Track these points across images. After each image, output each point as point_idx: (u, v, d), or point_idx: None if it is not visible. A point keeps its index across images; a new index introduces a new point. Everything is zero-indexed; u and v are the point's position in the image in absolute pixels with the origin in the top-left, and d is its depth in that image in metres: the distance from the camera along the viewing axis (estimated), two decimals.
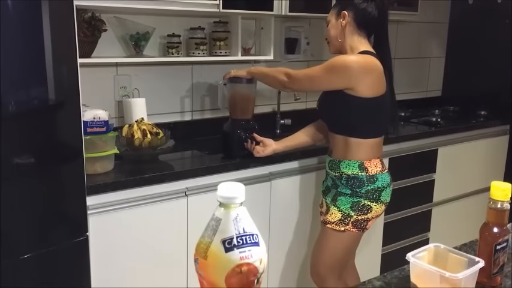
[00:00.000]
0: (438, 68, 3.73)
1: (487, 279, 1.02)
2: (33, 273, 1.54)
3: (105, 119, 1.87)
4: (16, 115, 1.46)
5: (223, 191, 0.64)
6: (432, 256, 1.02)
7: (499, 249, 1.00)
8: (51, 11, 1.47)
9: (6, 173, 1.43)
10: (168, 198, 1.94)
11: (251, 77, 2.16)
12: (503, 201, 1.00)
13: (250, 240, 0.63)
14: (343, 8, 1.92)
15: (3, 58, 1.37)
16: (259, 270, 0.64)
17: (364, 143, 1.91)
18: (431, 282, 0.93)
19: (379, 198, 1.92)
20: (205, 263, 0.62)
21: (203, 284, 0.63)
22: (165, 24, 2.34)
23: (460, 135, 3.01)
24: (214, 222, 0.64)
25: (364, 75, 1.83)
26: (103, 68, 2.25)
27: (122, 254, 1.86)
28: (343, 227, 1.93)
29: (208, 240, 0.63)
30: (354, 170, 1.90)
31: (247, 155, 2.17)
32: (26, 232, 1.51)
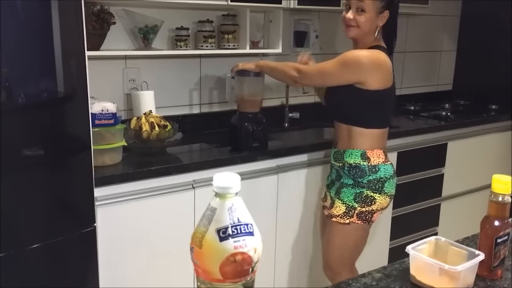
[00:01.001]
0: (449, 61, 3.69)
1: (487, 272, 1.02)
2: (41, 262, 1.57)
3: (113, 111, 1.88)
4: (25, 107, 1.48)
5: (218, 181, 0.65)
6: (433, 249, 1.02)
7: (499, 243, 1.00)
8: (60, 5, 1.48)
9: (16, 164, 1.45)
10: (175, 190, 1.95)
11: (259, 70, 2.16)
12: (505, 194, 1.00)
13: (244, 229, 0.64)
14: (387, 7, 1.87)
15: (13, 52, 1.39)
16: (253, 260, 0.65)
17: (367, 133, 1.92)
18: (430, 275, 0.94)
19: (382, 189, 1.92)
20: (201, 252, 0.63)
21: (198, 273, 0.64)
22: (173, 17, 2.34)
23: (470, 130, 2.99)
24: (209, 212, 0.65)
25: (375, 70, 1.85)
26: (112, 60, 2.26)
27: (129, 244, 1.88)
28: (348, 219, 1.93)
29: (204, 230, 0.64)
30: (356, 159, 1.91)
31: (255, 148, 2.18)
32: (35, 222, 1.52)
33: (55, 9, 1.49)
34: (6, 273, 1.46)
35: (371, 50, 1.88)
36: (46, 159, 1.55)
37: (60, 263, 1.61)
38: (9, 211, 1.44)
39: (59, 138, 1.59)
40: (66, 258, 1.62)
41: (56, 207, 1.59)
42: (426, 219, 2.91)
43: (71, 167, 1.64)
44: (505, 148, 3.26)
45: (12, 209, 1.45)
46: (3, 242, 1.43)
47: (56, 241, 1.56)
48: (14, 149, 1.44)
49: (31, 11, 1.45)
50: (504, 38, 3.32)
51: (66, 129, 1.63)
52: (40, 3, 1.46)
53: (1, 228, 1.42)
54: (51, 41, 1.49)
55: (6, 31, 1.35)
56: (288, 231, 2.31)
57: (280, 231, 2.28)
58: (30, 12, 1.44)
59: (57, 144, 1.58)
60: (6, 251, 1.44)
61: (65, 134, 1.62)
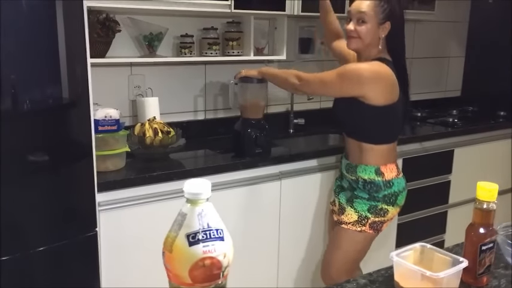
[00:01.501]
0: (457, 67, 3.67)
1: (472, 279, 1.02)
2: (44, 265, 1.60)
3: (116, 117, 1.91)
4: (30, 114, 1.51)
5: (188, 187, 0.66)
6: (418, 256, 1.03)
7: (484, 250, 1.00)
8: (64, 13, 1.51)
9: (20, 169, 1.48)
10: (177, 196, 1.96)
11: (261, 77, 2.18)
12: (489, 201, 1.00)
13: (214, 235, 0.65)
14: (388, 18, 1.85)
15: (18, 59, 1.42)
16: (223, 264, 0.66)
17: (378, 149, 1.92)
18: (413, 281, 0.94)
19: (395, 202, 1.95)
20: (171, 256, 0.65)
21: (170, 277, 0.66)
22: (178, 25, 2.37)
23: (477, 136, 2.96)
24: (180, 217, 0.67)
25: (375, 83, 1.83)
26: (117, 67, 2.30)
27: (131, 249, 1.90)
28: (360, 227, 1.95)
29: (174, 235, 0.66)
30: (371, 175, 1.92)
31: (257, 154, 2.19)
32: (38, 226, 1.55)
33: (60, 18, 1.52)
34: (11, 276, 1.49)
35: (372, 62, 1.86)
36: (49, 165, 1.57)
37: (62, 267, 1.63)
38: (14, 215, 1.47)
39: (61, 144, 1.61)
40: (68, 262, 1.65)
41: (59, 211, 1.61)
42: (433, 227, 2.89)
43: (74, 173, 1.67)
44: None
45: (17, 213, 1.48)
46: (8, 245, 1.46)
47: (59, 245, 1.59)
48: (19, 154, 1.47)
49: (36, 20, 1.48)
50: None
51: (69, 135, 1.66)
52: (44, 11, 1.50)
53: (5, 232, 1.45)
54: (55, 48, 1.52)
55: (11, 39, 1.39)
56: (290, 237, 2.31)
57: (283, 238, 2.28)
58: (35, 22, 1.48)
59: (60, 150, 1.60)
60: (11, 254, 1.47)
61: (67, 140, 1.65)
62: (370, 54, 1.90)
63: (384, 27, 1.86)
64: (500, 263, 1.14)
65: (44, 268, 1.61)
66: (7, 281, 1.49)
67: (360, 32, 1.86)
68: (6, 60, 1.38)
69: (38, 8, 1.48)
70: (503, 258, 1.14)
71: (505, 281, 1.07)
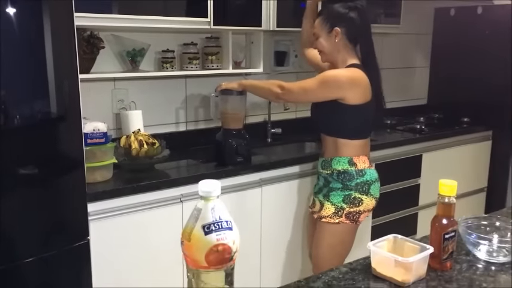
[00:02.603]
0: (423, 77, 3.87)
1: (438, 264, 1.16)
2: (38, 275, 1.66)
3: (104, 130, 1.99)
4: (21, 128, 1.58)
5: (203, 187, 0.78)
6: (391, 245, 1.16)
7: (447, 238, 1.14)
8: (52, 30, 1.59)
9: (12, 182, 1.55)
10: (164, 204, 2.06)
11: (242, 89, 2.29)
12: (450, 196, 1.15)
13: (224, 225, 0.78)
14: (334, 24, 2.04)
15: (9, 75, 1.48)
16: (232, 249, 0.79)
17: (352, 143, 2.08)
18: (388, 267, 1.07)
19: (368, 191, 2.08)
20: (189, 245, 0.77)
21: (188, 262, 0.77)
22: (159, 41, 2.47)
23: (443, 142, 3.15)
24: (196, 212, 0.78)
25: (353, 87, 2.01)
26: (101, 82, 2.38)
27: (121, 256, 1.97)
28: (338, 219, 2.07)
29: (192, 226, 0.77)
30: (344, 165, 2.07)
31: (239, 163, 2.29)
32: (31, 236, 1.61)
33: (48, 36, 1.59)
34: (2, 287, 1.55)
35: (348, 68, 2.04)
36: (42, 177, 1.63)
37: (56, 275, 1.69)
38: (6, 226, 1.53)
39: (54, 157, 1.68)
40: (61, 270, 1.71)
41: (52, 221, 1.67)
42: (404, 228, 3.03)
43: (66, 184, 1.74)
44: (478, 158, 3.44)
45: (9, 224, 1.54)
46: (1, 256, 1.51)
47: (52, 254, 1.65)
48: (11, 167, 1.53)
49: (26, 38, 1.55)
50: (474, 53, 3.51)
51: (61, 148, 1.73)
52: (34, 30, 1.57)
53: None
54: (45, 65, 1.59)
55: (2, 56, 1.45)
56: (272, 240, 2.42)
57: (265, 242, 2.39)
58: (25, 39, 1.54)
59: (52, 163, 1.67)
60: (3, 265, 1.52)
61: (59, 153, 1.72)
62: (339, 61, 2.08)
63: (333, 34, 2.05)
64: (462, 251, 1.29)
65: (37, 277, 1.66)
66: None
67: (318, 46, 2.11)
68: None
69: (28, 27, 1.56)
70: (464, 246, 1.30)
71: (466, 265, 1.22)
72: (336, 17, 2.05)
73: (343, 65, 2.07)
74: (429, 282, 1.10)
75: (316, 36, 2.11)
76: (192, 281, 0.78)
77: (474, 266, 1.20)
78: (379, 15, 3.09)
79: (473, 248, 1.24)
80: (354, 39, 2.07)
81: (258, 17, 2.49)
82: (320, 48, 2.11)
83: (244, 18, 2.48)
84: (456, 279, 1.13)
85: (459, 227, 1.23)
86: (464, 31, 3.57)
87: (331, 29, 2.05)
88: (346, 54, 2.07)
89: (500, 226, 1.34)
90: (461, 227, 1.26)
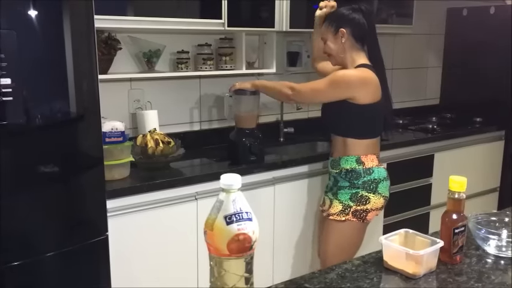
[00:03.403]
0: (436, 77, 3.88)
1: (448, 258, 1.20)
2: (59, 268, 1.71)
3: (122, 129, 2.05)
4: (43, 127, 1.62)
5: (224, 180, 0.82)
6: (403, 239, 1.20)
7: (457, 233, 1.18)
8: (73, 32, 1.64)
9: (35, 179, 1.60)
10: (179, 202, 2.10)
11: (255, 89, 2.34)
12: (460, 192, 1.18)
13: (245, 216, 0.83)
14: (340, 26, 2.10)
15: (31, 75, 1.55)
16: (252, 239, 0.84)
17: (360, 142, 2.11)
18: (399, 260, 1.11)
19: (376, 190, 2.09)
20: (212, 234, 0.82)
21: (211, 250, 0.83)
22: (175, 42, 2.52)
23: (455, 141, 3.16)
24: (218, 203, 0.83)
25: (362, 87, 2.04)
26: (118, 83, 2.44)
27: (138, 252, 2.03)
28: (344, 216, 2.09)
29: (214, 217, 0.82)
30: (352, 164, 2.09)
31: (252, 162, 2.33)
32: (53, 232, 1.67)
33: (68, 38, 1.63)
34: (24, 280, 1.61)
35: (358, 69, 2.08)
36: (63, 174, 1.68)
37: (76, 269, 1.74)
38: (29, 221, 1.59)
39: (74, 155, 1.73)
40: (81, 265, 1.76)
41: (72, 217, 1.72)
42: (416, 227, 3.02)
43: (85, 181, 1.78)
44: (491, 158, 3.44)
45: (32, 220, 1.60)
46: (22, 250, 1.57)
47: (72, 249, 1.70)
48: (34, 164, 1.59)
49: (47, 40, 1.60)
50: (487, 53, 3.52)
51: (81, 147, 1.78)
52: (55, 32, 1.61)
53: (20, 238, 1.57)
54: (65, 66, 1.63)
55: (25, 57, 1.51)
56: (284, 238, 2.46)
57: (277, 238, 2.43)
58: (46, 41, 1.60)
59: (72, 160, 1.72)
60: (25, 259, 1.58)
61: (79, 151, 1.77)
62: (348, 62, 2.12)
63: (339, 35, 2.10)
64: (472, 245, 1.32)
65: (58, 271, 1.72)
66: (21, 285, 1.61)
67: (326, 50, 2.16)
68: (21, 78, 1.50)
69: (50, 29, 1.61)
70: (474, 241, 1.33)
71: (476, 259, 1.25)
72: (340, 18, 2.11)
73: (352, 65, 2.10)
74: (439, 274, 1.14)
75: (324, 40, 2.15)
76: (214, 268, 0.83)
77: (483, 260, 1.23)
78: (391, 15, 3.11)
79: (483, 242, 1.27)
80: (361, 39, 2.11)
81: (271, 18, 2.53)
82: (328, 51, 2.15)
83: (258, 19, 2.53)
84: (466, 272, 1.16)
85: (469, 223, 1.26)
86: (476, 31, 3.57)
87: (337, 30, 2.10)
88: (355, 55, 2.11)
89: (509, 222, 1.37)
90: (472, 223, 1.29)
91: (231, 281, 0.82)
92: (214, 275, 0.83)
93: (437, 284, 1.11)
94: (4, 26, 1.48)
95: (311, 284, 1.08)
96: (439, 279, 1.12)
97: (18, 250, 1.57)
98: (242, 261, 0.83)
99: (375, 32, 2.15)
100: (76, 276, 1.75)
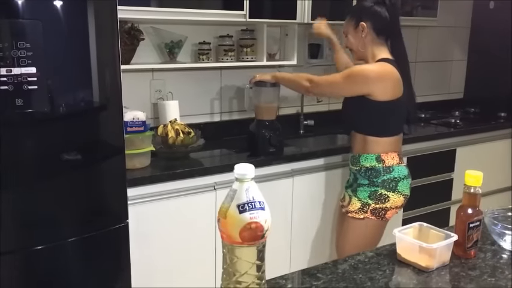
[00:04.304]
0: (460, 70, 3.82)
1: (462, 252, 1.20)
2: (81, 253, 1.76)
3: (143, 119, 2.08)
4: (66, 115, 1.67)
5: (238, 170, 0.85)
6: (417, 233, 1.20)
7: (472, 227, 1.17)
8: (97, 23, 1.68)
9: (58, 167, 1.65)
10: (198, 191, 2.13)
11: (275, 81, 2.34)
12: (475, 186, 1.17)
13: (257, 205, 0.85)
14: (360, 19, 2.07)
15: (56, 66, 1.59)
16: (264, 228, 0.86)
17: (381, 140, 2.07)
18: (412, 252, 1.11)
19: (396, 188, 2.06)
20: (225, 222, 0.84)
21: (223, 238, 0.86)
22: (196, 33, 2.55)
23: (478, 136, 3.11)
24: (231, 192, 0.86)
25: (381, 83, 2.00)
26: (140, 73, 2.47)
27: (157, 239, 2.07)
28: (363, 214, 2.09)
29: (227, 205, 0.85)
30: (372, 162, 2.07)
31: (271, 153, 2.35)
32: (75, 218, 1.72)
33: (92, 30, 1.67)
34: (48, 264, 1.67)
35: (377, 63, 2.04)
36: (85, 162, 1.73)
37: (97, 254, 1.80)
38: (52, 208, 1.64)
39: (96, 144, 1.78)
40: (102, 250, 1.81)
41: (94, 204, 1.77)
42: (436, 222, 2.98)
43: (107, 170, 1.82)
44: None
45: (55, 207, 1.66)
46: (46, 235, 1.63)
47: (93, 235, 1.75)
48: (57, 152, 1.64)
49: (72, 32, 1.64)
50: None
51: (103, 136, 1.82)
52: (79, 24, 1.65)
53: (44, 223, 1.62)
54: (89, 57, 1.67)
55: (50, 48, 1.55)
56: (302, 231, 2.47)
57: (295, 230, 2.44)
58: (70, 33, 1.63)
59: (94, 149, 1.76)
60: (49, 243, 1.64)
61: (101, 140, 1.81)
62: (369, 56, 2.09)
63: (360, 28, 2.08)
64: (488, 240, 1.32)
65: (80, 255, 1.77)
66: (46, 267, 1.66)
67: (348, 44, 2.15)
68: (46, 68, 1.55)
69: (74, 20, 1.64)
70: (490, 237, 1.32)
71: (491, 254, 1.25)
72: (362, 12, 2.08)
73: (373, 60, 2.07)
74: (452, 268, 1.14)
75: (345, 34, 2.14)
76: (227, 255, 0.85)
77: (498, 255, 1.22)
78: (416, 7, 3.07)
79: (499, 238, 1.27)
80: (383, 34, 2.07)
81: (293, 10, 2.53)
82: (349, 45, 2.14)
83: (279, 11, 2.53)
84: (479, 266, 1.16)
85: (486, 218, 1.25)
86: (503, 24, 3.50)
87: (357, 24, 2.07)
88: (376, 49, 2.07)
89: None
90: (488, 218, 1.28)
91: (243, 268, 0.84)
92: (226, 262, 0.86)
93: (450, 278, 1.11)
94: (29, 16, 1.52)
95: (323, 274, 1.09)
96: (452, 272, 1.13)
97: (42, 235, 1.63)
98: (254, 249, 0.85)
99: (399, 26, 2.10)
100: (98, 260, 1.81)
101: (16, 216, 1.58)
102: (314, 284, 1.06)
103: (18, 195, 1.57)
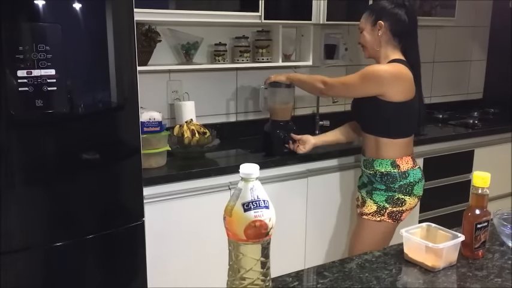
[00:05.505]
0: (479, 71, 3.78)
1: (470, 253, 1.20)
2: (98, 250, 1.81)
3: (159, 119, 2.12)
4: (84, 116, 1.71)
5: (243, 169, 0.88)
6: (425, 232, 1.21)
7: (479, 228, 1.17)
8: (114, 25, 1.71)
9: (76, 166, 1.69)
10: (213, 191, 2.16)
11: (290, 82, 2.36)
12: (483, 187, 1.18)
13: (262, 204, 0.88)
14: (379, 18, 2.06)
15: (75, 67, 1.64)
16: (268, 226, 0.88)
17: (394, 143, 2.06)
18: (419, 252, 1.12)
19: (411, 192, 2.07)
20: (230, 220, 0.88)
21: (229, 235, 0.89)
22: (212, 34, 2.58)
23: (497, 137, 3.07)
24: (237, 191, 0.89)
25: (395, 83, 1.99)
26: (157, 74, 2.52)
27: (173, 237, 2.10)
28: (379, 217, 2.09)
29: (233, 204, 0.88)
30: (387, 167, 2.06)
31: (286, 153, 2.36)
32: (93, 216, 1.76)
33: (110, 32, 1.71)
34: (67, 260, 1.72)
35: (391, 63, 2.04)
36: (102, 162, 1.77)
37: (114, 251, 1.84)
38: (71, 206, 1.69)
39: (113, 143, 1.81)
40: (119, 247, 1.85)
41: (111, 203, 1.81)
42: (454, 223, 2.98)
43: (124, 169, 1.86)
44: None
45: (74, 205, 1.70)
46: (65, 232, 1.68)
47: (110, 232, 1.80)
48: (75, 152, 1.68)
49: (90, 32, 1.68)
50: None
51: (119, 135, 1.85)
52: (98, 26, 1.70)
53: (63, 220, 1.67)
54: (107, 59, 1.71)
55: (68, 49, 1.60)
56: (317, 231, 2.48)
57: (310, 231, 2.46)
58: (89, 32, 1.68)
59: (111, 148, 1.80)
60: (67, 240, 1.68)
61: (118, 140, 1.85)
62: (383, 56, 2.08)
63: (377, 27, 2.07)
64: (496, 241, 1.32)
65: (98, 252, 1.82)
66: (64, 263, 1.71)
67: (362, 41, 2.13)
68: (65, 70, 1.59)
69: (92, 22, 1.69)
70: (499, 238, 1.32)
71: (499, 255, 1.25)
72: (382, 10, 2.07)
73: (386, 60, 2.06)
74: (459, 268, 1.14)
75: (361, 30, 2.13)
76: (232, 252, 0.88)
77: (506, 256, 1.22)
78: (434, 7, 3.05)
79: (508, 239, 1.26)
80: (399, 36, 2.06)
81: (308, 11, 2.54)
82: (363, 42, 2.12)
83: (295, 11, 2.54)
84: (486, 267, 1.16)
85: (495, 219, 1.25)
86: None
87: (375, 22, 2.07)
88: (389, 50, 2.07)
89: None
90: (497, 219, 1.28)
91: (248, 265, 0.87)
92: (232, 259, 0.89)
93: (456, 278, 1.11)
94: (49, 19, 1.57)
95: (330, 273, 1.11)
96: (458, 272, 1.13)
97: (61, 232, 1.68)
98: (259, 246, 0.87)
99: (416, 31, 2.10)
100: (114, 258, 1.85)
101: (35, 213, 1.62)
102: (320, 282, 1.08)
103: (37, 194, 1.63)
